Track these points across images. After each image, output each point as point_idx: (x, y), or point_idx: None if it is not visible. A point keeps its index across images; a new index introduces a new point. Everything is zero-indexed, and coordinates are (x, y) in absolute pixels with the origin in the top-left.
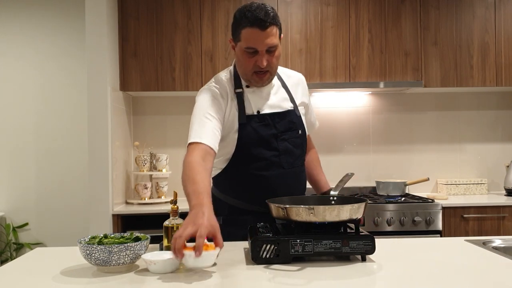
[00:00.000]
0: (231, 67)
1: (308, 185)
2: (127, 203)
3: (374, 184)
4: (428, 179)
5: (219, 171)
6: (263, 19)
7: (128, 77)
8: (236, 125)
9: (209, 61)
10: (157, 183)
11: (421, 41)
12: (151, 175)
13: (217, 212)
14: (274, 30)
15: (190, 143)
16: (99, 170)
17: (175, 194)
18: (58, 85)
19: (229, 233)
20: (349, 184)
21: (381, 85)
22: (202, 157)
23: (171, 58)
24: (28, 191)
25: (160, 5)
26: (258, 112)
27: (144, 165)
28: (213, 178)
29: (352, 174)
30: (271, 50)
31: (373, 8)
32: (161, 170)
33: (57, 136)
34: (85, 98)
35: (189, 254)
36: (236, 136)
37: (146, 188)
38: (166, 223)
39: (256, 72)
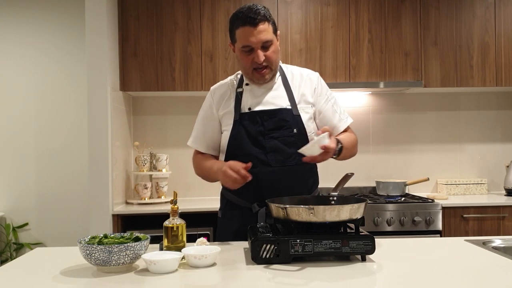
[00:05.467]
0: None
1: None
2: (127, 203)
3: (374, 184)
4: (428, 179)
5: None
6: (253, 17)
7: (128, 77)
8: (231, 121)
9: (209, 61)
10: (157, 183)
11: (421, 41)
12: (151, 175)
13: (219, 206)
14: (266, 26)
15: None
16: (99, 170)
17: (175, 194)
18: (58, 85)
19: (224, 226)
20: (349, 184)
21: (381, 85)
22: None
23: (171, 58)
24: (28, 191)
25: (160, 5)
26: (250, 109)
27: (144, 165)
28: None
29: (352, 174)
30: (266, 46)
31: (373, 8)
32: (161, 170)
33: (57, 136)
34: (85, 98)
35: None
36: (229, 131)
37: (146, 188)
38: (166, 223)
39: (255, 69)
